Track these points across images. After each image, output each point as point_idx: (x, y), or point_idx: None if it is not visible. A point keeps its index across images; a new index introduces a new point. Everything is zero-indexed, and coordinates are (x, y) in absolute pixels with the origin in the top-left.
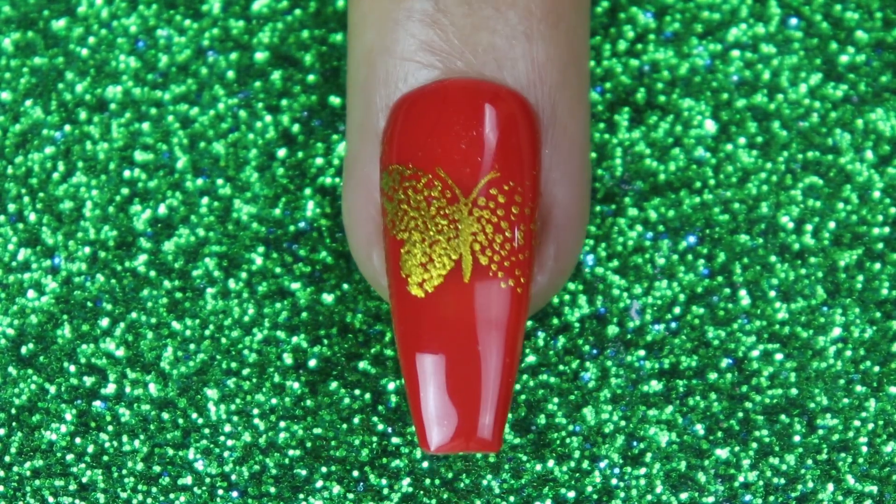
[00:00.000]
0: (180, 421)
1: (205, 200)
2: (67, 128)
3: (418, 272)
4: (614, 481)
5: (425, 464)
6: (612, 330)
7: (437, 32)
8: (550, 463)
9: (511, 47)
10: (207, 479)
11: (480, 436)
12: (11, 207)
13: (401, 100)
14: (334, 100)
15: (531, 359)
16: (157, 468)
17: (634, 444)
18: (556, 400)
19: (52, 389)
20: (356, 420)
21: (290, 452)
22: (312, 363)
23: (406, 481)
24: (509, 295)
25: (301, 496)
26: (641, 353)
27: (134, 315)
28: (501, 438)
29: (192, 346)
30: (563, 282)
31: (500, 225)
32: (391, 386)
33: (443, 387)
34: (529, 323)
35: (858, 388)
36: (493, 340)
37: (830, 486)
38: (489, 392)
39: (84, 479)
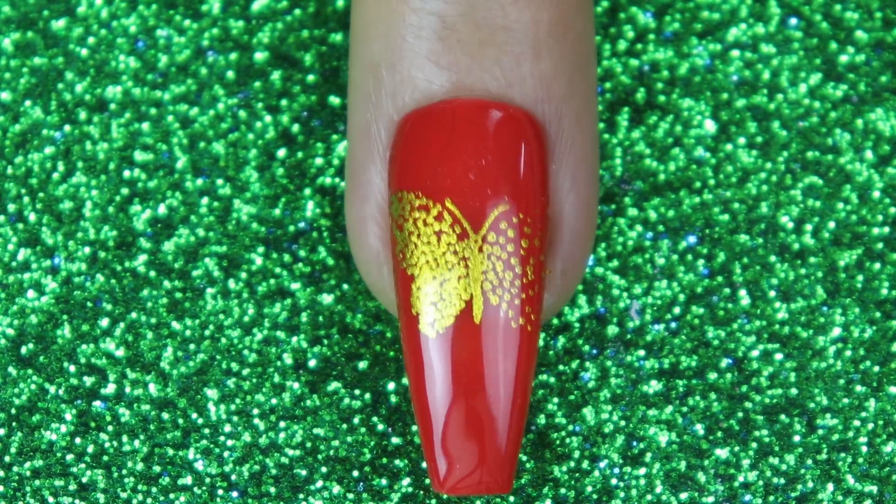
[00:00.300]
0: (180, 421)
1: (205, 200)
2: (67, 128)
3: (429, 311)
4: (614, 481)
5: (425, 464)
6: (612, 330)
7: (444, 48)
8: (550, 463)
9: (518, 63)
10: (207, 479)
11: (491, 475)
12: (11, 207)
13: (407, 117)
14: (334, 100)
15: None
16: (157, 468)
17: (634, 444)
18: (556, 400)
19: (52, 389)
20: (356, 420)
21: (290, 452)
22: (312, 363)
23: (406, 481)
24: (520, 335)
25: (301, 496)
26: (641, 353)
27: (134, 315)
28: (513, 478)
29: (192, 346)
30: (570, 297)
31: (510, 261)
32: (391, 386)
33: (455, 427)
34: None
35: (858, 388)
36: (504, 381)
37: (830, 486)
38: (500, 433)
39: (84, 479)
